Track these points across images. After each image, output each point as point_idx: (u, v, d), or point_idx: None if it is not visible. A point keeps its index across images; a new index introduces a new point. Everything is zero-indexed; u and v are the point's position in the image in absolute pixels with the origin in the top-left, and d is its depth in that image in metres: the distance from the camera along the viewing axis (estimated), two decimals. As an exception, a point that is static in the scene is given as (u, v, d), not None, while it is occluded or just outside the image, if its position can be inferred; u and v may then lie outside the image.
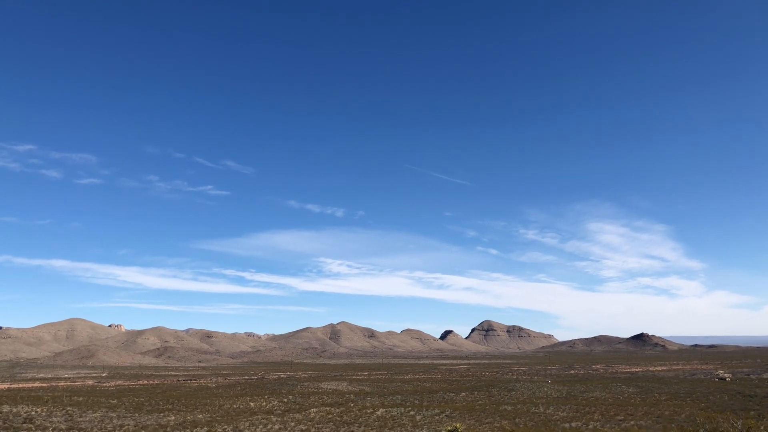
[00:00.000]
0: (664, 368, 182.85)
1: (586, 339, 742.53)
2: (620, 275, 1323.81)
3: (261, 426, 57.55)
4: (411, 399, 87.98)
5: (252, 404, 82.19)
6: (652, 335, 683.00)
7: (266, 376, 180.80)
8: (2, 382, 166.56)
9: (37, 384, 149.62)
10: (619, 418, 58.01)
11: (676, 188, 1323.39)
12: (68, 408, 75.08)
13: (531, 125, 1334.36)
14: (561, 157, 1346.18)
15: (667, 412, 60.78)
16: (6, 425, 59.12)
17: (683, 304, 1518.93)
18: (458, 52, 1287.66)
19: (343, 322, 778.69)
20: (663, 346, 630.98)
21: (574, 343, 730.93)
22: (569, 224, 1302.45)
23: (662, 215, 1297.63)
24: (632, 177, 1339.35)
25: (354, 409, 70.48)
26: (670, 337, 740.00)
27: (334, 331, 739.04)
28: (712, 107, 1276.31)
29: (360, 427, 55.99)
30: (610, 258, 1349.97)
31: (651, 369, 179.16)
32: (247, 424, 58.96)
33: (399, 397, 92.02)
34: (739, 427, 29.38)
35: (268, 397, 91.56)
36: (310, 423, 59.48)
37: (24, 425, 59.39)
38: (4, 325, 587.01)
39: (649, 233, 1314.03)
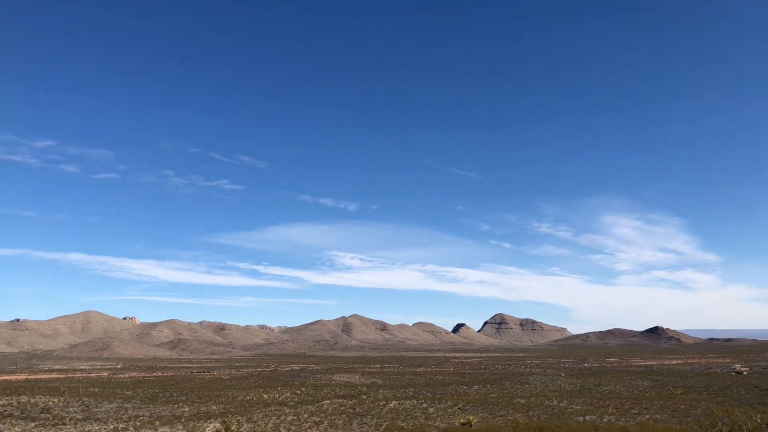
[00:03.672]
0: (680, 362, 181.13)
1: (599, 332, 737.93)
2: (635, 268, 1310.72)
3: (274, 417, 57.75)
4: (423, 391, 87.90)
5: (265, 396, 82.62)
6: (667, 328, 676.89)
7: (279, 368, 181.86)
8: (20, 373, 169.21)
9: (53, 375, 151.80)
10: (633, 411, 57.42)
11: (690, 181, 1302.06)
12: (84, 398, 75.98)
13: (545, 120, 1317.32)
14: (575, 152, 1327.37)
15: (683, 406, 60.09)
16: (24, 415, 59.90)
17: (699, 297, 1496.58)
18: (474, 50, 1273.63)
19: (355, 315, 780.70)
20: (678, 339, 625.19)
21: (588, 337, 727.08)
22: (583, 218, 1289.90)
23: (677, 208, 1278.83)
24: (646, 170, 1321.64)
25: (366, 401, 70.51)
26: (686, 330, 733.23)
27: (346, 324, 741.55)
28: (726, 101, 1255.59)
29: (373, 419, 55.97)
30: (625, 251, 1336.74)
31: (666, 362, 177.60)
32: (260, 415, 59.21)
33: (411, 389, 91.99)
34: (758, 421, 28.78)
35: (281, 389, 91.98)
36: (323, 414, 59.58)
37: (42, 415, 60.16)
38: (21, 318, 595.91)
39: (664, 226, 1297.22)
